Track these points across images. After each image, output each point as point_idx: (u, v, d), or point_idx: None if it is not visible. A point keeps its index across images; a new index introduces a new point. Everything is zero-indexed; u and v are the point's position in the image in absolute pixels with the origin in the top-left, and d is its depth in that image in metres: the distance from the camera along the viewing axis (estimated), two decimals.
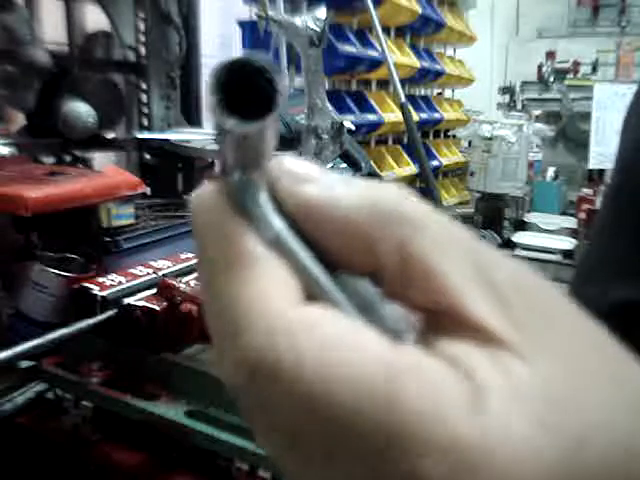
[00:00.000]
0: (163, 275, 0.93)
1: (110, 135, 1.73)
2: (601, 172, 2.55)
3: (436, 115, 3.41)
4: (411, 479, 0.16)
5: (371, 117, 2.73)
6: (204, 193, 0.20)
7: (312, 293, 0.18)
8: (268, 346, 0.17)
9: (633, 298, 0.42)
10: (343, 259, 0.19)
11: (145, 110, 2.06)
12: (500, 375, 0.16)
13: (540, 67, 5.31)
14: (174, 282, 0.86)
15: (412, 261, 0.18)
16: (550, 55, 5.41)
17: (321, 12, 0.79)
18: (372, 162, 1.35)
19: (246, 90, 0.18)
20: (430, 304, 0.18)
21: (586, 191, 2.33)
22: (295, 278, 0.18)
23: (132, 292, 0.88)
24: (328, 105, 0.85)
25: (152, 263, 0.99)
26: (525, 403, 0.16)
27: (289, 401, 0.17)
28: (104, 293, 0.86)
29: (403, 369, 0.16)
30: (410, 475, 0.16)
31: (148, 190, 1.72)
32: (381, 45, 2.30)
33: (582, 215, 2.15)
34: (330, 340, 0.17)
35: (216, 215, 0.19)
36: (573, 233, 2.14)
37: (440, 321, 0.18)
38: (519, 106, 5.09)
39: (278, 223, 0.18)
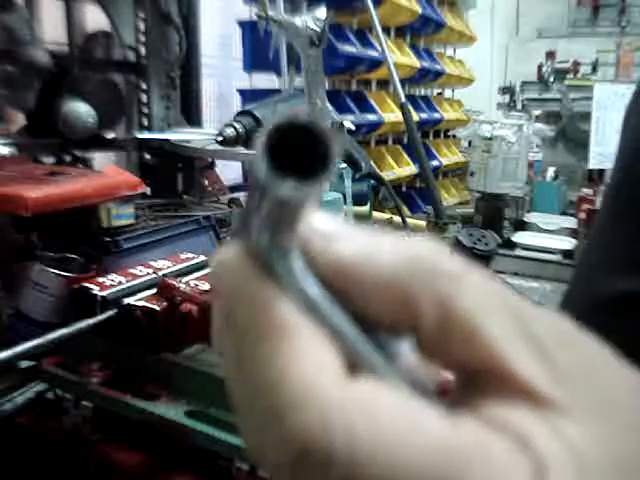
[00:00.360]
0: (163, 275, 0.92)
1: (110, 135, 1.73)
2: (601, 172, 2.55)
3: (436, 115, 3.41)
4: None
5: (371, 117, 2.73)
6: (227, 255, 0.18)
7: (354, 362, 0.17)
8: (321, 426, 0.16)
9: (633, 290, 0.42)
10: (377, 317, 0.18)
11: (145, 110, 2.06)
12: (557, 443, 0.16)
13: (540, 67, 5.30)
14: (174, 282, 0.86)
15: (454, 317, 0.17)
16: (550, 55, 5.40)
17: (321, 12, 0.79)
18: (372, 162, 1.35)
19: (291, 146, 0.16)
20: (472, 361, 0.18)
21: (586, 191, 2.32)
22: (337, 348, 0.17)
23: (132, 292, 0.88)
24: (328, 105, 0.85)
25: (152, 263, 0.99)
26: (585, 474, 0.16)
27: None
28: (104, 293, 0.86)
29: (467, 451, 0.16)
30: None
31: (148, 190, 1.72)
32: (381, 45, 2.30)
33: (582, 215, 2.14)
34: (387, 421, 0.16)
35: (244, 279, 0.18)
36: (573, 233, 2.14)
37: (481, 379, 0.18)
38: (519, 106, 5.09)
39: (313, 289, 0.17)
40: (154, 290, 0.87)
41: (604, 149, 2.37)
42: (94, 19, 1.95)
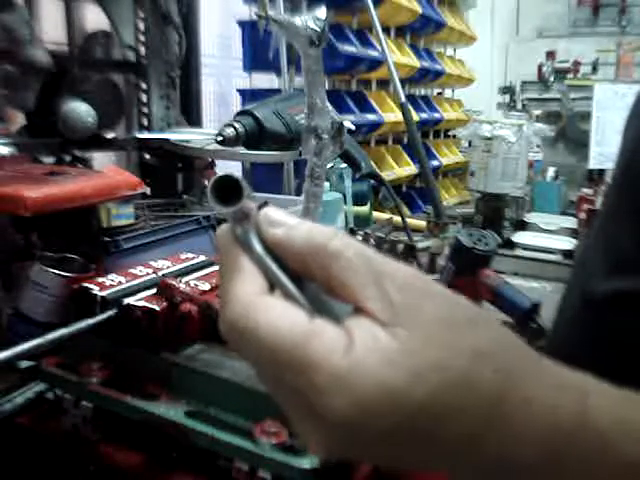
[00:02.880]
0: (163, 275, 0.92)
1: (110, 135, 1.73)
2: (601, 172, 2.55)
3: (436, 115, 3.41)
4: (305, 386, 0.28)
5: (371, 117, 2.72)
6: (224, 230, 0.34)
7: (277, 288, 0.32)
8: (241, 316, 0.30)
9: (625, 289, 0.43)
10: (299, 273, 0.32)
11: (145, 110, 2.06)
12: (370, 337, 0.29)
13: (540, 67, 5.30)
14: (174, 282, 0.86)
15: (333, 278, 0.31)
16: (550, 55, 5.41)
17: (321, 12, 0.79)
18: (372, 162, 1.35)
19: (228, 187, 0.32)
20: (346, 300, 0.31)
21: (586, 191, 2.32)
22: (264, 278, 0.32)
23: (132, 292, 0.87)
24: (328, 105, 0.85)
25: (152, 263, 0.99)
26: (381, 352, 0.28)
27: (250, 347, 0.30)
28: (104, 293, 0.86)
29: (311, 331, 0.29)
30: (305, 384, 0.28)
31: (148, 190, 1.72)
32: (381, 45, 2.30)
33: (582, 215, 2.14)
34: (274, 314, 0.30)
35: (228, 244, 0.33)
36: (573, 233, 2.14)
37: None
38: (519, 106, 5.10)
39: (259, 249, 0.33)
40: (154, 290, 0.87)
41: (604, 149, 2.37)
42: (94, 19, 1.95)
